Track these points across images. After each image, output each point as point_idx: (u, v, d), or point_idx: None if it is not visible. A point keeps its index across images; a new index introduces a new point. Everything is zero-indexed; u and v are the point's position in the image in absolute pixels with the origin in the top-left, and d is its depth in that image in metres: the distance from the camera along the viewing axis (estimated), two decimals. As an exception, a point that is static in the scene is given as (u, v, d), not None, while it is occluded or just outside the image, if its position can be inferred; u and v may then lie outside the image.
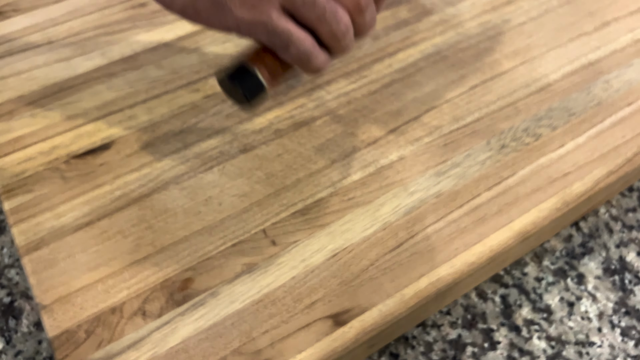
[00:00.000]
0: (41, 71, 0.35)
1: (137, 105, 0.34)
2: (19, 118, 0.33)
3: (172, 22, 0.38)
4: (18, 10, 0.39)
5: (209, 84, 0.35)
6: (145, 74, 0.35)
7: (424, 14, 0.39)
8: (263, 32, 0.25)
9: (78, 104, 0.34)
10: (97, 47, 0.37)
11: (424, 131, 0.32)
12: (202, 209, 0.29)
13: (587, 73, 0.36)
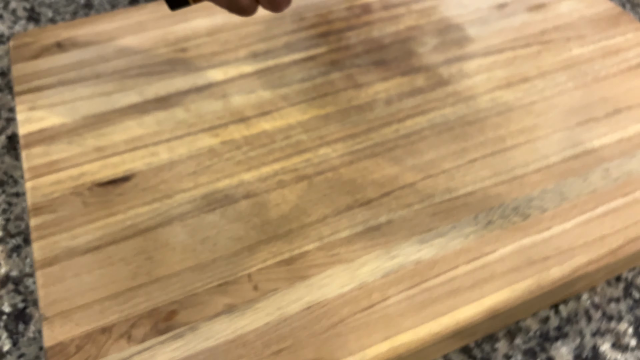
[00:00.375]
0: (84, 103, 0.40)
1: (160, 143, 0.37)
2: (58, 144, 0.37)
3: (205, 69, 0.42)
4: (76, 45, 0.44)
5: (228, 131, 0.38)
6: (173, 115, 0.39)
7: (440, 83, 0.41)
8: None
9: (110, 137, 0.38)
10: (136, 85, 0.41)
11: (416, 198, 0.34)
12: (199, 247, 0.32)
13: (589, 159, 0.36)
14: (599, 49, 0.44)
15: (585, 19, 0.46)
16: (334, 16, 0.47)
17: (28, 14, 0.52)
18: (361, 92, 0.41)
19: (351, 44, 0.45)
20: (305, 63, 0.43)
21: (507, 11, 0.47)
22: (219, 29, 0.46)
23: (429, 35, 0.45)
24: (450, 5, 0.48)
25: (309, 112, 0.39)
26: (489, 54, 0.43)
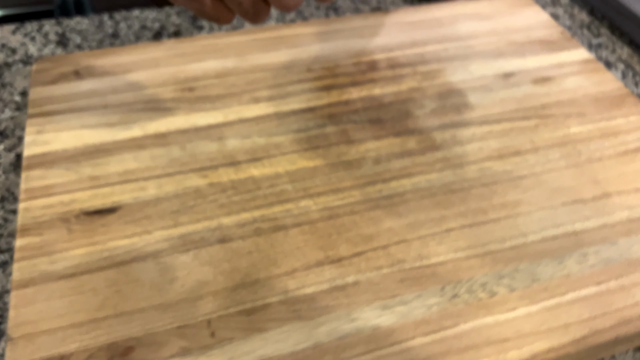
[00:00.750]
0: (88, 131, 0.42)
1: (151, 179, 0.39)
2: (56, 168, 0.39)
3: (207, 111, 0.44)
4: (92, 74, 0.47)
5: (217, 173, 0.39)
6: (168, 152, 0.41)
7: (431, 148, 0.42)
8: None
9: (105, 167, 0.39)
10: (139, 119, 0.43)
11: (387, 261, 0.35)
12: (166, 286, 0.33)
13: (568, 242, 0.36)
14: (598, 129, 0.44)
15: (589, 96, 0.46)
16: (340, 70, 0.48)
17: (58, 38, 0.55)
18: (352, 148, 0.42)
19: (351, 99, 0.46)
20: (304, 114, 0.44)
21: (512, 81, 0.48)
22: (228, 72, 0.48)
23: (429, 98, 0.46)
24: (457, 70, 0.49)
25: (298, 162, 0.40)
26: (485, 123, 0.44)
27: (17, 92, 0.49)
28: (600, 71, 0.49)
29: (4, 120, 0.46)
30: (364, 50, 0.50)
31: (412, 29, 0.53)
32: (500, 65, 0.49)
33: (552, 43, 0.52)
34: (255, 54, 0.50)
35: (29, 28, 0.56)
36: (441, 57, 0.50)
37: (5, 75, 0.51)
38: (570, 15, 0.60)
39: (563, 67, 0.49)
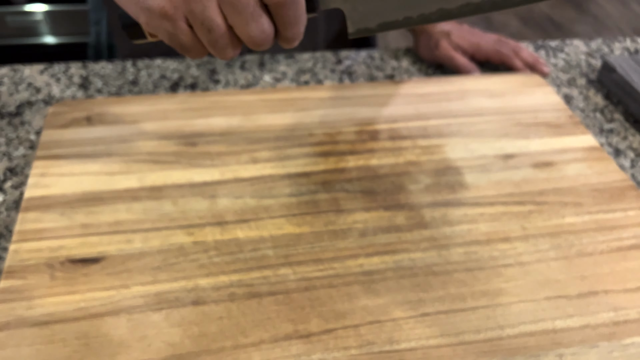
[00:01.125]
0: (88, 178, 0.43)
1: (139, 232, 0.40)
2: (52, 213, 0.41)
3: (205, 167, 0.45)
4: (102, 122, 0.49)
5: (203, 232, 0.40)
6: (160, 206, 0.42)
7: (419, 225, 0.42)
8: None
9: (98, 216, 0.41)
10: (139, 170, 0.44)
11: (356, 342, 0.34)
12: (134, 344, 0.33)
13: (545, 339, 0.35)
14: (594, 221, 0.43)
15: (589, 186, 0.46)
16: (342, 137, 0.49)
17: (81, 81, 0.58)
18: (340, 218, 0.42)
19: (347, 167, 0.46)
20: (299, 178, 0.45)
21: (511, 163, 0.47)
22: (232, 130, 0.49)
23: (425, 173, 0.46)
24: (457, 147, 0.49)
25: (285, 228, 0.41)
26: (478, 205, 0.44)
27: (34, 131, 0.51)
28: (604, 160, 0.48)
29: (17, 157, 0.49)
30: (367, 119, 0.51)
31: (419, 101, 0.53)
32: (502, 146, 0.49)
33: (559, 127, 0.52)
34: (261, 114, 0.51)
35: (56, 69, 0.60)
36: (443, 132, 0.50)
37: (26, 114, 0.53)
38: (585, 97, 0.60)
39: (566, 153, 0.49)
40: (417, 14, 0.36)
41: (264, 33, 0.32)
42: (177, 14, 0.32)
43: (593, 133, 0.55)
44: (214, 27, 0.32)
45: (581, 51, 0.68)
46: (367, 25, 0.36)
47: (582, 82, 0.63)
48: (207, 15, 0.32)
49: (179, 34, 0.33)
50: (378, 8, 0.35)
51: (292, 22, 0.33)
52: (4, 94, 0.56)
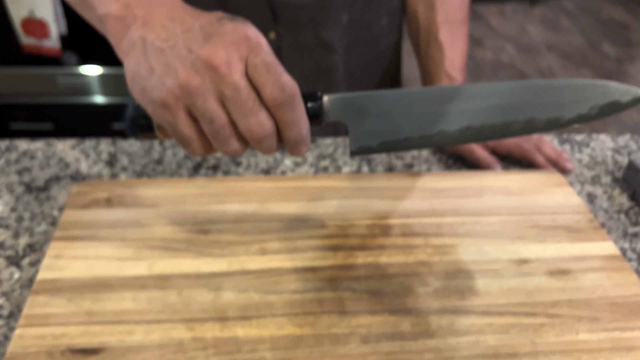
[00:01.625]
0: (100, 263, 0.44)
1: (141, 323, 0.40)
2: (60, 298, 0.41)
3: (214, 257, 0.46)
4: (122, 204, 0.51)
5: (204, 327, 0.40)
6: (165, 297, 0.42)
7: (425, 334, 0.41)
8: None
9: (104, 303, 0.41)
10: (149, 257, 0.45)
11: None
12: None
13: None
14: (610, 340, 0.41)
15: (607, 299, 0.44)
16: (353, 231, 0.49)
17: (109, 158, 0.61)
18: (344, 320, 0.41)
19: (356, 264, 0.46)
20: (305, 273, 0.45)
21: (525, 269, 0.46)
22: (245, 217, 0.50)
23: (435, 275, 0.45)
24: (470, 248, 0.48)
25: (286, 328, 0.40)
26: (487, 314, 0.42)
27: (58, 206, 0.53)
28: (624, 271, 0.46)
29: (38, 233, 0.50)
30: (381, 212, 0.51)
31: (435, 196, 0.53)
32: (517, 249, 0.48)
33: (578, 231, 0.50)
34: (275, 202, 0.52)
35: (87, 145, 0.62)
36: (457, 232, 0.49)
37: (53, 189, 0.56)
38: (609, 197, 0.59)
39: (584, 261, 0.47)
40: (418, 135, 0.36)
41: (262, 128, 0.33)
42: (178, 104, 0.33)
43: (616, 237, 0.53)
44: (215, 118, 0.33)
45: (607, 147, 0.66)
46: (369, 143, 0.37)
47: (607, 180, 0.61)
48: (208, 107, 0.32)
49: (179, 125, 0.34)
50: (380, 126, 0.36)
51: (291, 124, 0.34)
52: (35, 167, 0.59)
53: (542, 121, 0.37)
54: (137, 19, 0.34)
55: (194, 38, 0.33)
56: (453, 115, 0.36)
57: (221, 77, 0.32)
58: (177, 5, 0.35)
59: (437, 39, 0.64)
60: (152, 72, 0.33)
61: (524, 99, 0.37)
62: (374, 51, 0.68)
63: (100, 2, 0.36)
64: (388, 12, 0.66)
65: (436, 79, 0.65)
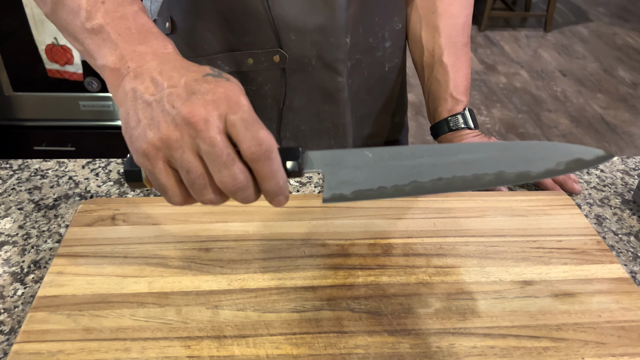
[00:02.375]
0: (101, 280, 0.45)
1: (138, 340, 0.40)
2: (59, 314, 0.42)
3: (214, 275, 0.46)
4: (126, 221, 0.51)
5: (200, 346, 0.40)
6: (164, 314, 0.42)
7: (424, 356, 0.40)
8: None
9: (102, 320, 0.41)
10: (150, 274, 0.45)
11: None
12: None
13: None
14: (617, 366, 0.40)
15: (614, 323, 0.43)
16: (354, 250, 0.49)
17: (118, 177, 0.62)
18: (342, 341, 0.41)
19: (356, 284, 0.45)
20: (305, 292, 0.45)
21: (529, 291, 0.45)
22: (247, 236, 0.50)
23: (436, 296, 0.44)
24: (472, 269, 0.47)
25: (282, 348, 0.40)
26: (489, 336, 0.41)
27: (64, 224, 0.54)
28: (633, 294, 0.45)
29: (43, 250, 0.51)
30: (383, 232, 0.51)
31: (438, 216, 0.53)
32: (521, 271, 0.47)
33: (585, 253, 0.49)
34: (278, 222, 0.52)
35: (97, 164, 0.64)
36: (459, 252, 0.49)
37: (61, 207, 0.57)
38: (619, 219, 0.58)
39: (591, 284, 0.46)
40: (391, 184, 0.38)
41: (234, 180, 0.35)
42: (158, 155, 0.35)
43: (625, 260, 0.52)
44: (191, 169, 0.35)
45: (617, 169, 0.66)
46: (342, 192, 0.39)
47: (617, 201, 0.60)
48: (185, 159, 0.35)
49: (157, 173, 0.36)
50: (354, 176, 0.38)
51: (268, 176, 0.36)
52: (45, 186, 0.60)
53: (511, 174, 0.39)
54: (130, 71, 0.37)
55: (178, 94, 0.35)
56: (425, 168, 0.39)
57: (198, 132, 0.34)
58: (168, 58, 0.38)
59: (441, 62, 0.65)
60: (138, 123, 0.36)
61: (492, 155, 0.39)
62: (378, 73, 0.68)
63: (99, 54, 0.39)
64: (391, 35, 0.66)
65: (441, 102, 0.66)
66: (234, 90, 0.35)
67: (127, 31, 0.38)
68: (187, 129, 0.34)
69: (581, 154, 0.39)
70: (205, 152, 0.34)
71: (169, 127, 0.34)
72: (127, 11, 0.39)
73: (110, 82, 0.38)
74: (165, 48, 0.38)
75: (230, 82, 0.36)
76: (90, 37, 0.39)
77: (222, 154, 0.34)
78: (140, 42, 0.38)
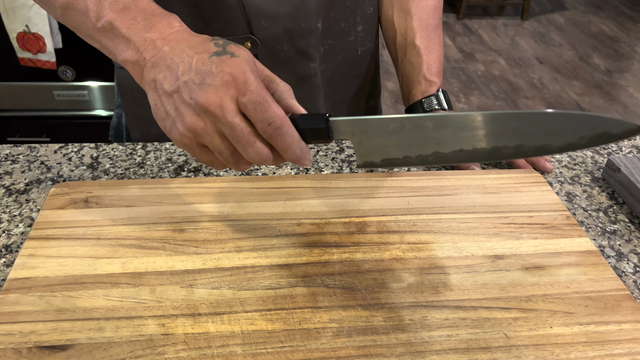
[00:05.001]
0: (74, 261, 0.44)
1: (112, 319, 0.40)
2: (31, 295, 0.41)
3: (189, 255, 0.46)
4: (99, 204, 0.51)
5: (175, 323, 0.40)
6: (138, 294, 0.42)
7: (396, 329, 0.40)
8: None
9: (75, 301, 0.41)
10: (124, 255, 0.45)
11: None
12: None
13: None
14: (584, 334, 0.41)
15: (582, 294, 0.44)
16: (329, 229, 0.49)
17: (91, 161, 0.61)
18: (316, 316, 0.41)
19: (331, 261, 0.46)
20: (280, 270, 0.45)
21: (500, 264, 0.46)
22: (222, 217, 0.50)
23: (409, 271, 0.45)
24: (445, 245, 0.48)
25: (257, 324, 0.40)
26: (460, 309, 0.42)
27: (36, 209, 0.53)
28: (600, 266, 0.46)
29: (15, 234, 0.50)
30: (357, 210, 0.51)
31: (412, 195, 0.53)
32: (492, 246, 0.48)
33: (554, 228, 0.50)
34: (253, 202, 0.52)
35: (70, 149, 0.63)
36: (432, 229, 0.49)
37: (33, 191, 0.56)
38: (588, 196, 0.59)
39: (560, 257, 0.47)
40: (416, 154, 0.41)
41: (259, 155, 0.39)
42: (192, 142, 0.40)
43: (594, 234, 0.53)
44: (222, 150, 0.40)
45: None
46: (373, 159, 0.42)
47: (587, 179, 0.61)
48: (214, 142, 0.39)
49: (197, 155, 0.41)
50: (380, 146, 0.41)
51: (284, 148, 0.39)
52: (16, 171, 0.59)
53: (531, 147, 0.38)
54: (147, 61, 0.40)
55: (192, 83, 0.38)
56: (447, 139, 0.40)
57: (218, 119, 0.38)
58: (177, 39, 0.40)
59: (413, 44, 0.65)
60: (167, 115, 0.40)
61: (513, 126, 0.38)
62: (351, 58, 0.68)
63: (117, 50, 0.42)
64: (363, 19, 0.66)
65: (415, 84, 0.66)
66: (239, 68, 0.38)
67: (133, 22, 0.41)
68: (207, 117, 0.38)
69: (609, 127, 0.37)
70: (228, 135, 0.38)
71: (192, 118, 0.38)
72: (127, 0, 0.42)
73: (133, 74, 0.42)
74: (172, 27, 0.41)
75: (235, 58, 0.38)
76: (105, 35, 0.42)
77: (243, 134, 0.38)
78: (147, 29, 0.40)
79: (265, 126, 0.38)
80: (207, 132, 0.38)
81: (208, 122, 0.38)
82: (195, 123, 0.38)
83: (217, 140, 0.39)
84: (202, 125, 0.38)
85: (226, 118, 0.37)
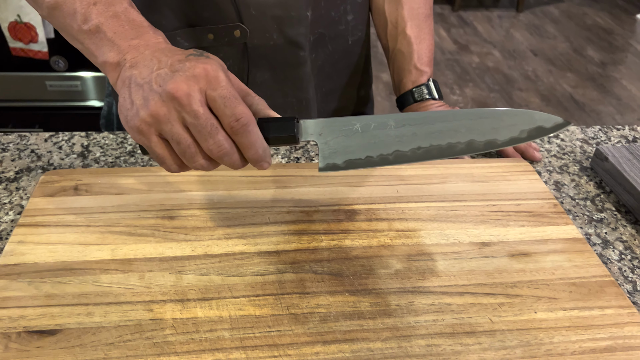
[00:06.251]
0: (63, 248, 0.45)
1: (100, 305, 0.40)
2: (20, 281, 0.42)
3: (178, 242, 0.46)
4: (89, 192, 0.51)
5: (164, 309, 0.40)
6: (127, 280, 0.42)
7: (383, 313, 0.41)
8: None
9: (64, 286, 0.41)
10: (113, 242, 0.45)
11: None
12: None
13: None
14: (568, 319, 0.41)
15: (566, 280, 0.44)
16: (318, 216, 0.49)
17: (82, 149, 0.61)
18: (304, 301, 0.41)
19: (319, 248, 0.46)
20: (268, 256, 0.45)
21: (487, 251, 0.47)
22: (212, 204, 0.50)
23: (396, 258, 0.46)
24: (432, 233, 0.48)
25: (245, 309, 0.41)
26: (446, 294, 0.43)
27: (26, 197, 0.53)
28: (585, 253, 0.47)
29: (4, 222, 0.50)
30: (347, 198, 0.52)
31: (401, 183, 0.54)
32: (479, 233, 0.48)
33: (541, 216, 0.51)
34: (243, 190, 0.52)
35: (60, 137, 0.63)
36: (421, 216, 0.50)
37: (23, 179, 0.56)
38: (576, 185, 0.59)
39: (545, 244, 0.48)
40: (377, 154, 0.42)
41: (219, 148, 0.39)
42: (151, 130, 0.39)
43: (581, 222, 0.54)
44: (180, 140, 0.39)
45: (577, 137, 0.67)
46: (335, 161, 0.42)
47: (575, 169, 0.62)
48: (175, 131, 0.38)
49: (153, 146, 0.40)
50: (344, 146, 0.42)
51: (247, 146, 0.39)
52: (7, 159, 0.59)
53: (480, 143, 0.42)
54: (127, 62, 0.41)
55: (164, 74, 0.38)
56: (406, 137, 0.42)
57: (183, 106, 0.38)
58: (161, 47, 0.41)
59: (404, 34, 0.65)
60: (132, 105, 0.39)
61: (464, 123, 0.42)
62: (342, 47, 0.68)
63: (99, 52, 0.42)
64: (353, 8, 0.66)
65: (406, 73, 0.66)
66: (212, 66, 0.38)
67: (120, 29, 0.42)
68: (172, 103, 0.38)
69: (542, 122, 0.42)
70: (190, 123, 0.38)
71: (157, 104, 0.38)
72: (118, 9, 0.42)
73: (111, 76, 0.42)
74: (157, 39, 0.42)
75: (210, 59, 0.39)
76: (89, 37, 0.42)
77: (206, 124, 0.38)
78: (133, 37, 0.41)
79: (232, 121, 0.38)
80: (168, 119, 0.38)
81: (172, 109, 0.38)
82: (159, 109, 0.38)
83: (177, 129, 0.38)
84: (165, 112, 0.38)
85: (191, 106, 0.37)
